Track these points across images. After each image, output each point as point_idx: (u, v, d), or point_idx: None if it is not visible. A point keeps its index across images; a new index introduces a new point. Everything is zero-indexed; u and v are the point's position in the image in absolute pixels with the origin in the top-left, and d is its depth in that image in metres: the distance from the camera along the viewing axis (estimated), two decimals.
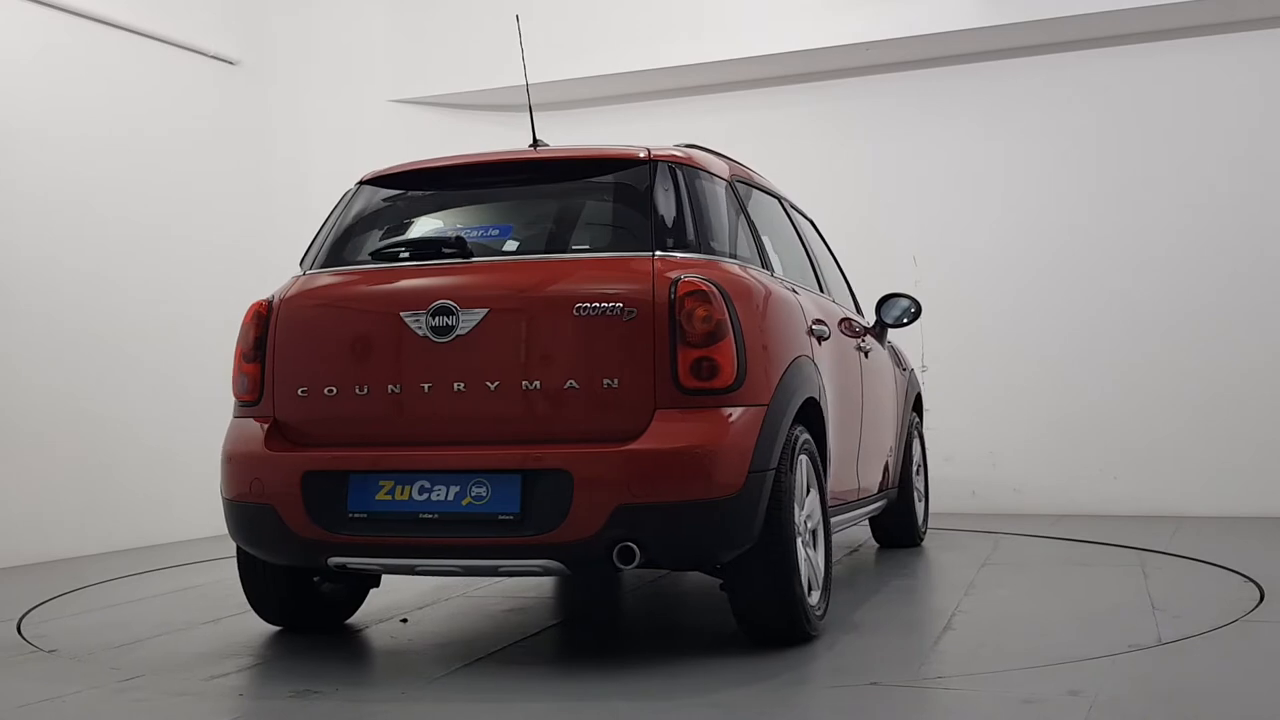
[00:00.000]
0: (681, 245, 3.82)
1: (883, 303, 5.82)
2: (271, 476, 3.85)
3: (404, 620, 4.66)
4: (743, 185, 4.55)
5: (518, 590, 5.22)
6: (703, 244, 3.89)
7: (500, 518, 3.58)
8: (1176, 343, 7.76)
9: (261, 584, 4.29)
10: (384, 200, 4.29)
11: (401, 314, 3.76)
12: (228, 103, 8.19)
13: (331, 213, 4.35)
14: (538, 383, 3.65)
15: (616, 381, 3.61)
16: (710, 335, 3.62)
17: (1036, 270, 8.09)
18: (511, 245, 4.02)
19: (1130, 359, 7.85)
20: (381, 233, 4.16)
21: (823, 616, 4.09)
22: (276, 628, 4.49)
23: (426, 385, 3.73)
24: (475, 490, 3.63)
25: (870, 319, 5.85)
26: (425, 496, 3.67)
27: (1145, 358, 7.82)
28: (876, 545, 6.48)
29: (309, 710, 3.34)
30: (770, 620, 3.86)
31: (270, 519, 3.82)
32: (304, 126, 8.58)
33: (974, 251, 8.20)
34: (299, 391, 3.89)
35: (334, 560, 3.81)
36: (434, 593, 5.20)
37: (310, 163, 8.36)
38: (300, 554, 3.87)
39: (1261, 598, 4.62)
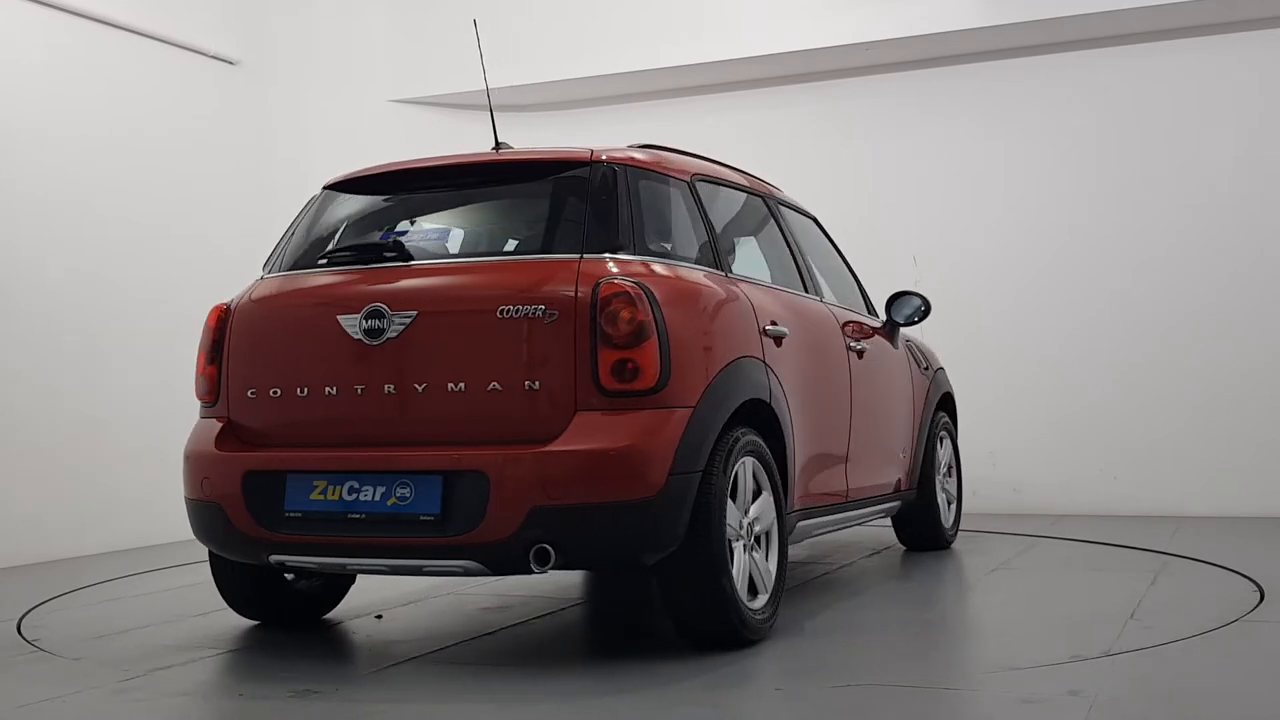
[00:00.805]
0: (614, 247, 3.82)
1: (893, 301, 5.73)
2: (218, 476, 3.98)
3: (379, 617, 4.73)
4: (709, 184, 4.53)
5: (507, 589, 5.22)
6: (638, 245, 3.88)
7: (422, 518, 3.64)
8: (1176, 343, 7.76)
9: (231, 580, 4.43)
10: (344, 205, 4.36)
11: (338, 317, 3.85)
12: (228, 103, 8.19)
13: (296, 217, 4.45)
14: (463, 384, 3.70)
15: (538, 384, 3.65)
16: (632, 337, 3.62)
17: (1036, 270, 8.09)
18: (448, 248, 4.07)
19: (1130, 359, 7.86)
20: (334, 237, 4.23)
21: (769, 620, 4.01)
22: (276, 628, 4.51)
23: (360, 387, 3.82)
24: (400, 491, 3.69)
25: (883, 318, 5.78)
26: (354, 497, 3.74)
27: (1145, 358, 7.82)
28: (903, 548, 6.32)
29: (309, 710, 3.34)
30: (701, 622, 3.85)
31: (219, 517, 3.96)
32: (304, 126, 8.58)
33: (974, 251, 8.20)
34: (249, 393, 4.03)
35: (274, 558, 3.91)
36: (426, 590, 5.20)
37: (310, 163, 8.33)
38: (246, 551, 3.98)
39: (1261, 598, 4.62)
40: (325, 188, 4.44)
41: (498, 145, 4.50)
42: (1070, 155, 8.07)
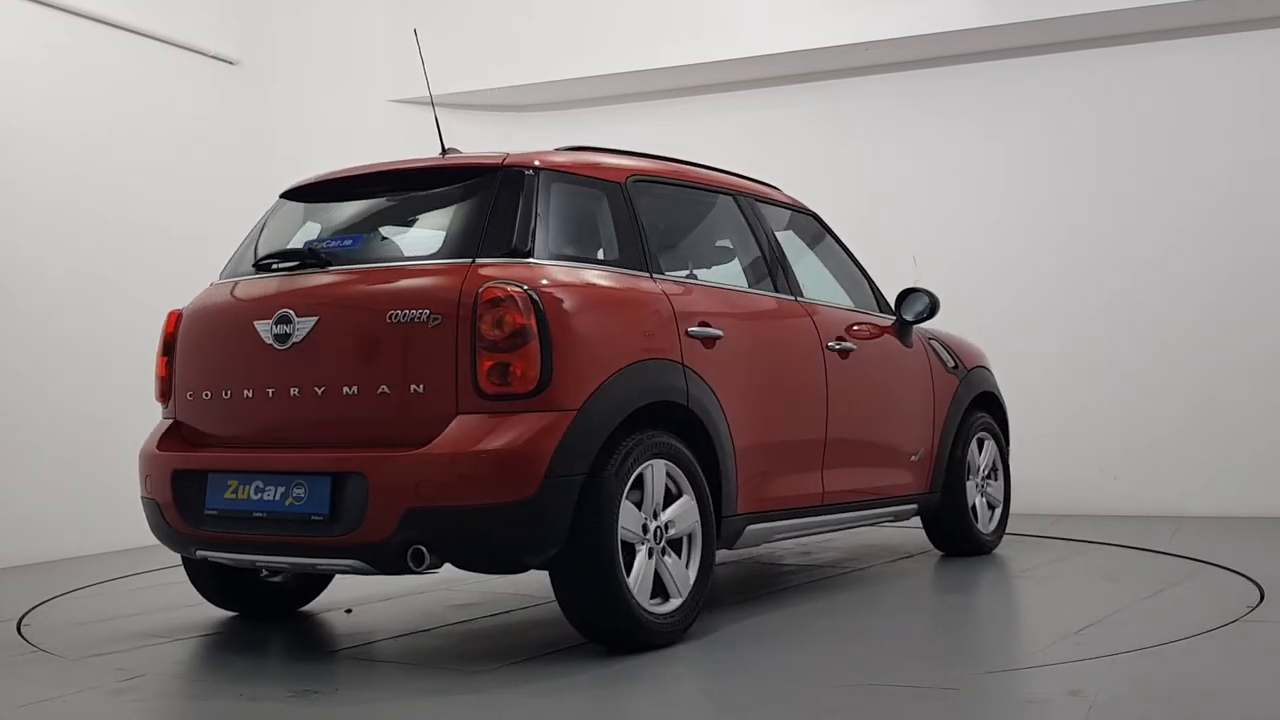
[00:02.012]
0: (512, 251, 3.86)
1: (902, 299, 5.56)
2: (156, 474, 4.24)
3: (348, 611, 4.85)
4: (650, 185, 4.50)
5: (499, 584, 5.22)
6: (540, 249, 3.91)
7: (313, 518, 3.77)
8: (1176, 342, 7.76)
9: (200, 574, 4.61)
10: (291, 212, 4.50)
11: (254, 322, 4.02)
12: (228, 103, 8.19)
13: (255, 224, 4.61)
14: (355, 388, 3.82)
15: (423, 387, 3.73)
16: (511, 340, 3.67)
17: (1036, 270, 8.09)
18: (359, 254, 4.13)
19: (1130, 359, 7.85)
20: (272, 243, 4.36)
21: (680, 623, 3.99)
22: (275, 628, 4.52)
23: (271, 390, 3.99)
24: (296, 491, 3.83)
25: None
26: (260, 496, 3.91)
27: (1145, 358, 7.82)
28: (939, 553, 6.08)
29: (309, 710, 3.35)
30: (595, 623, 3.89)
31: (156, 513, 4.23)
32: (304, 126, 8.57)
33: (974, 251, 8.20)
34: (188, 395, 4.27)
35: (200, 553, 4.14)
36: (408, 587, 5.19)
37: (310, 163, 8.28)
38: (178, 546, 4.23)
39: (1261, 598, 4.62)
40: (280, 196, 4.58)
41: (444, 150, 4.57)
42: (1070, 155, 8.07)
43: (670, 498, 4.03)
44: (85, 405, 6.99)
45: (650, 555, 3.92)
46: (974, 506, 5.96)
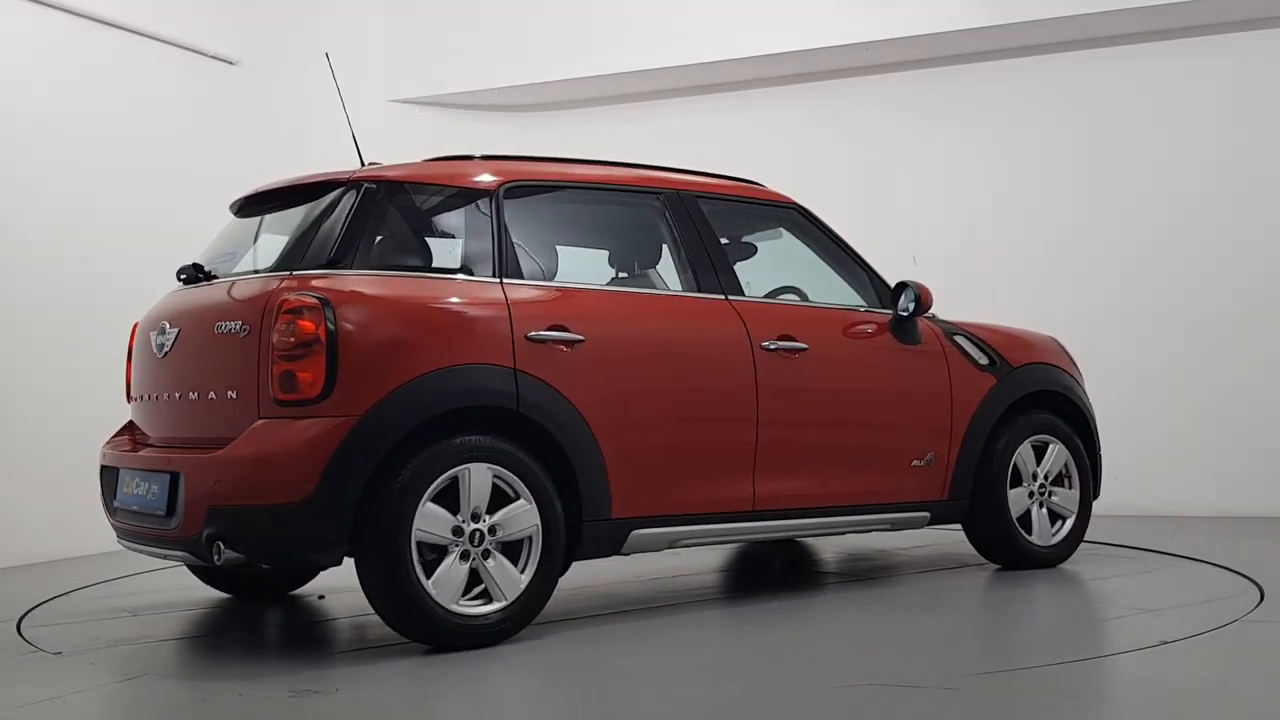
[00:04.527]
0: (329, 263, 4.05)
1: (897, 294, 5.25)
2: (102, 470, 4.72)
3: (321, 597, 5.03)
4: (531, 191, 4.57)
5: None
6: (362, 260, 4.10)
7: (157, 513, 4.16)
8: (1176, 343, 7.75)
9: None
10: (228, 226, 4.83)
11: (150, 333, 4.49)
12: (228, 103, 8.19)
13: None
14: (195, 393, 4.21)
15: (236, 393, 4.02)
16: (299, 349, 3.88)
17: (1036, 270, 8.08)
18: (226, 268, 4.46)
19: (1130, 359, 7.85)
20: (199, 256, 4.66)
21: (506, 625, 4.04)
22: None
23: (154, 394, 4.46)
24: (150, 488, 4.23)
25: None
26: (135, 492, 4.34)
27: (1145, 358, 7.81)
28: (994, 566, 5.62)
29: (309, 710, 3.35)
30: (397, 622, 4.01)
31: (103, 504, 4.70)
32: (304, 126, 8.57)
33: (974, 251, 8.19)
34: (131, 398, 4.73)
35: (119, 542, 4.53)
36: None
37: (310, 163, 8.31)
38: (115, 534, 4.62)
39: (1261, 598, 4.62)
40: (229, 209, 4.90)
41: (362, 164, 4.68)
42: (1070, 155, 8.07)
43: (509, 500, 4.11)
44: (85, 405, 6.98)
45: (465, 558, 4.01)
46: (1025, 516, 5.50)
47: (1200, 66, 7.78)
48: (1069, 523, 5.65)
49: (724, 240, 5.09)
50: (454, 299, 4.18)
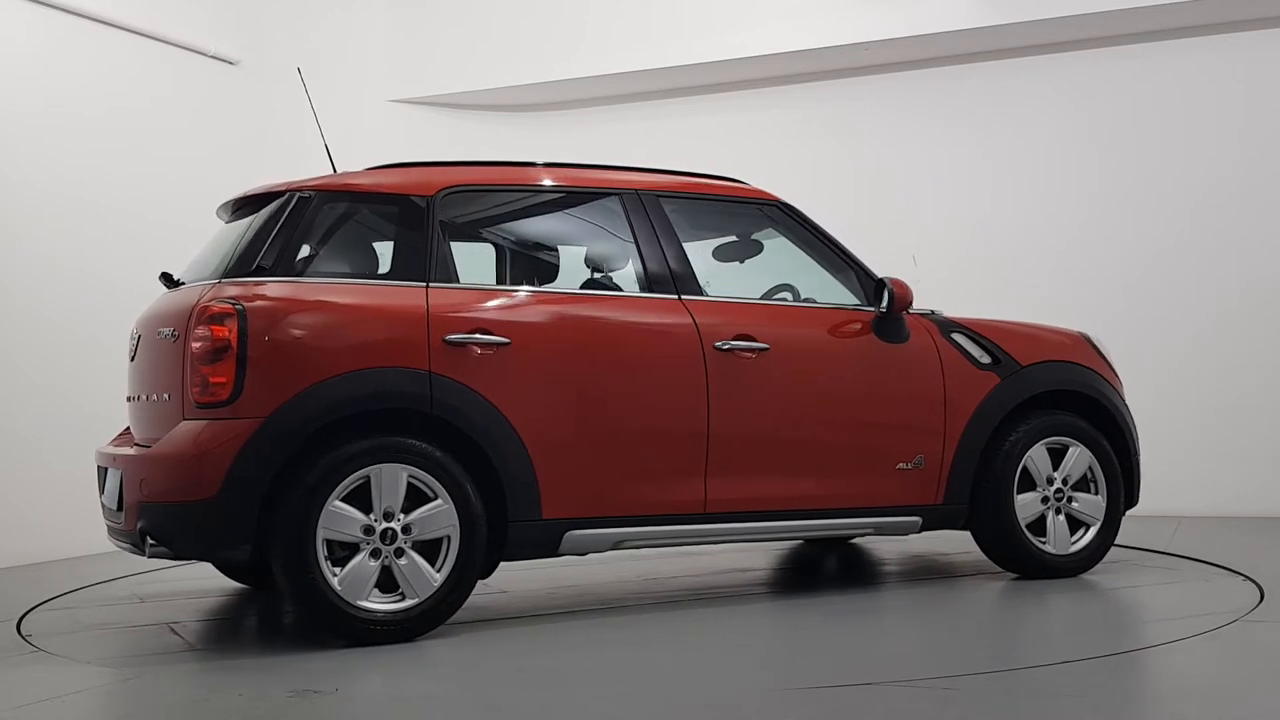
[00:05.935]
0: (254, 270, 4.22)
1: (879, 289, 5.05)
2: (97, 469, 4.87)
3: None
4: (471, 197, 4.67)
5: (505, 585, 5.22)
6: (282, 267, 4.24)
7: (114, 508, 4.44)
8: (1176, 342, 7.76)
9: None
10: (216, 230, 4.95)
11: (129, 338, 4.74)
12: (227, 103, 8.19)
13: None
14: (148, 396, 4.46)
15: (169, 396, 4.26)
16: (211, 354, 4.08)
17: (1036, 270, 8.08)
18: (189, 275, 4.61)
19: (1130, 359, 7.81)
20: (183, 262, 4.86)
21: (417, 621, 4.13)
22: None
23: (131, 396, 4.70)
24: (112, 484, 4.50)
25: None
26: (107, 489, 4.59)
27: (1145, 358, 7.80)
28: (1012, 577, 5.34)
29: (309, 710, 3.35)
30: (310, 616, 4.11)
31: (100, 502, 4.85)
32: (304, 126, 8.56)
33: (974, 251, 8.19)
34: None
35: (109, 536, 4.66)
36: None
37: (310, 163, 8.32)
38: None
39: (1261, 598, 4.62)
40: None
41: (334, 170, 4.81)
42: (1071, 155, 8.07)
43: (428, 500, 4.18)
44: (85, 404, 6.98)
45: (377, 556, 4.10)
46: (1039, 522, 5.24)
47: (1201, 66, 7.77)
48: (1092, 531, 5.33)
49: (715, 240, 5.12)
50: (370, 304, 4.27)
